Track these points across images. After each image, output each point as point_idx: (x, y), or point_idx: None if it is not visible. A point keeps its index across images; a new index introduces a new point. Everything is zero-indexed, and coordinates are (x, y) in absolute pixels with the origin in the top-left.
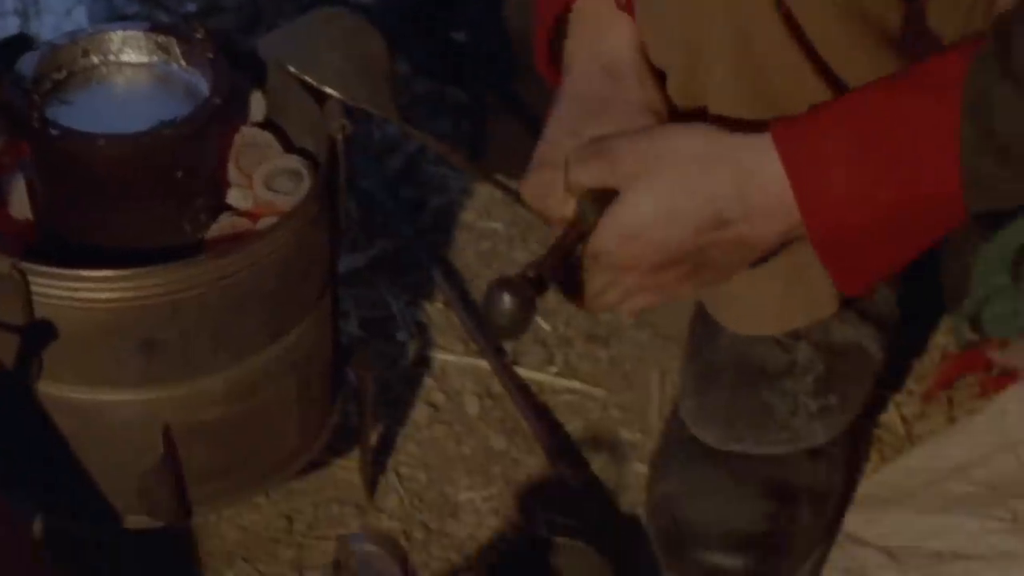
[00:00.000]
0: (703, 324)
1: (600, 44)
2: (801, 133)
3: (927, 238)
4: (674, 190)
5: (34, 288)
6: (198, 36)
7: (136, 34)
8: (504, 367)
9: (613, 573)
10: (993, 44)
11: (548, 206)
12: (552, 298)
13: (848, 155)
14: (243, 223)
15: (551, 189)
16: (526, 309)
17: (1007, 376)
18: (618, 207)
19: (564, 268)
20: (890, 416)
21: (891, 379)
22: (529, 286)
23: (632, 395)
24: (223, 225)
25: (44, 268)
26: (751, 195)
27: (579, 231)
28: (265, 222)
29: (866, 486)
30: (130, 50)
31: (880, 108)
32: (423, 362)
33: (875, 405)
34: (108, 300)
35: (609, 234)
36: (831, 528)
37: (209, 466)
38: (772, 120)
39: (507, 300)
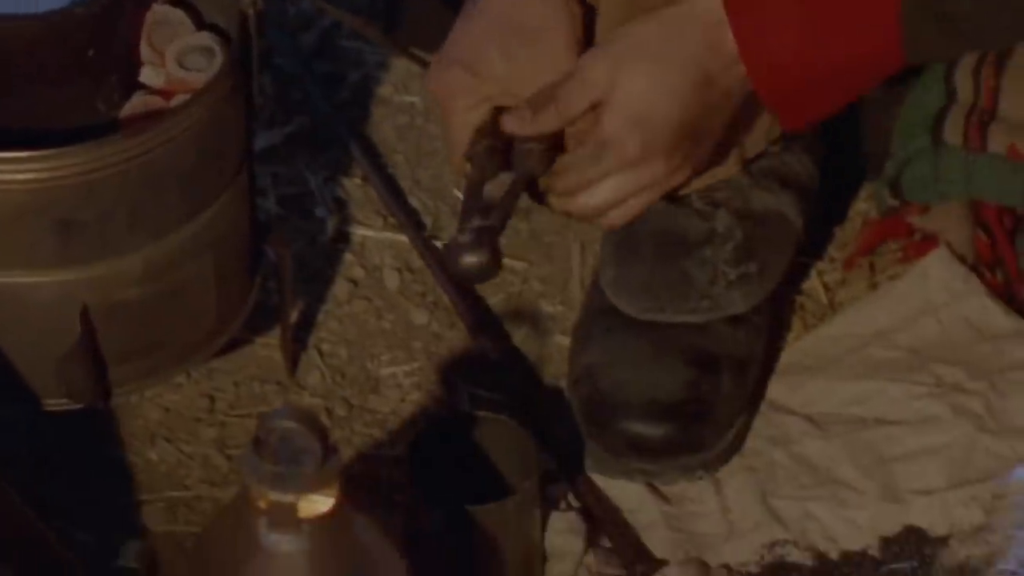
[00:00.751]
0: None
1: None
2: (750, 2)
3: (869, 85)
4: (658, 67)
5: None
6: None
7: None
8: (424, 241)
9: (535, 445)
10: None
11: (454, 107)
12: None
13: (795, 20)
14: (156, 101)
15: (460, 90)
16: (495, 260)
17: (928, 241)
18: (617, 97)
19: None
20: (812, 284)
21: (813, 247)
22: (494, 237)
23: (553, 267)
24: (136, 104)
25: None
26: (726, 42)
27: (528, 172)
28: (179, 100)
29: (789, 354)
30: None
31: None
32: (342, 238)
33: (797, 273)
34: (23, 181)
35: (619, 121)
36: (754, 396)
37: (128, 346)
38: None
39: (475, 261)
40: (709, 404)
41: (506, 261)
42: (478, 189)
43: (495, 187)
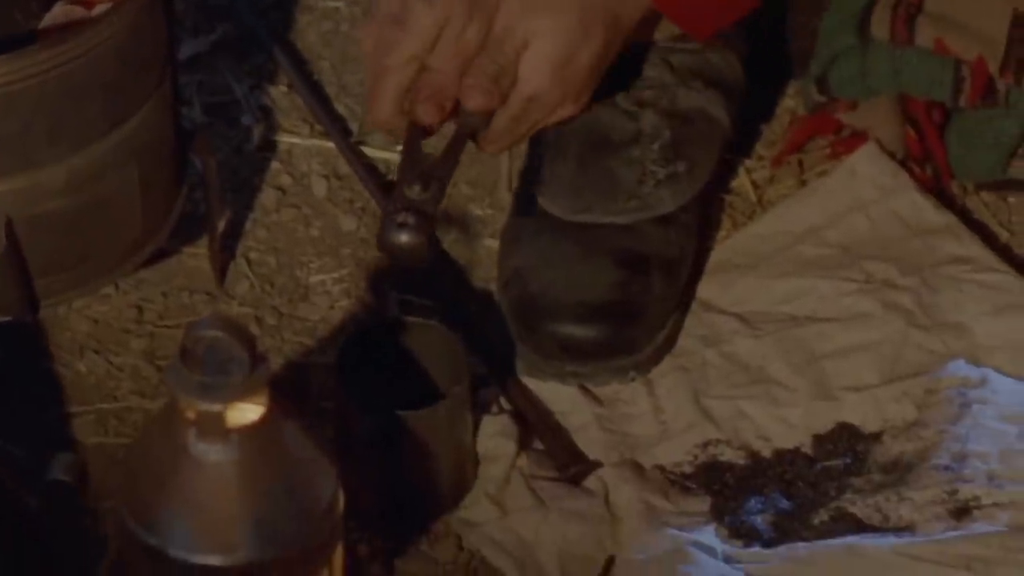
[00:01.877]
0: None
1: None
2: None
3: None
4: (570, 16)
5: None
6: None
7: None
8: (350, 147)
9: (465, 350)
10: None
11: (385, 64)
12: None
13: None
14: (77, 11)
15: (389, 47)
16: (429, 245)
17: (857, 137)
18: (537, 46)
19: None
20: (741, 182)
21: (740, 146)
22: (431, 223)
23: (480, 169)
24: (56, 14)
25: None
26: None
27: (471, 131)
28: (100, 9)
29: (719, 252)
30: None
31: None
32: (268, 146)
33: (725, 172)
34: None
35: (542, 72)
36: (684, 296)
37: (54, 258)
38: None
39: (408, 242)
40: (640, 305)
41: None
42: (416, 149)
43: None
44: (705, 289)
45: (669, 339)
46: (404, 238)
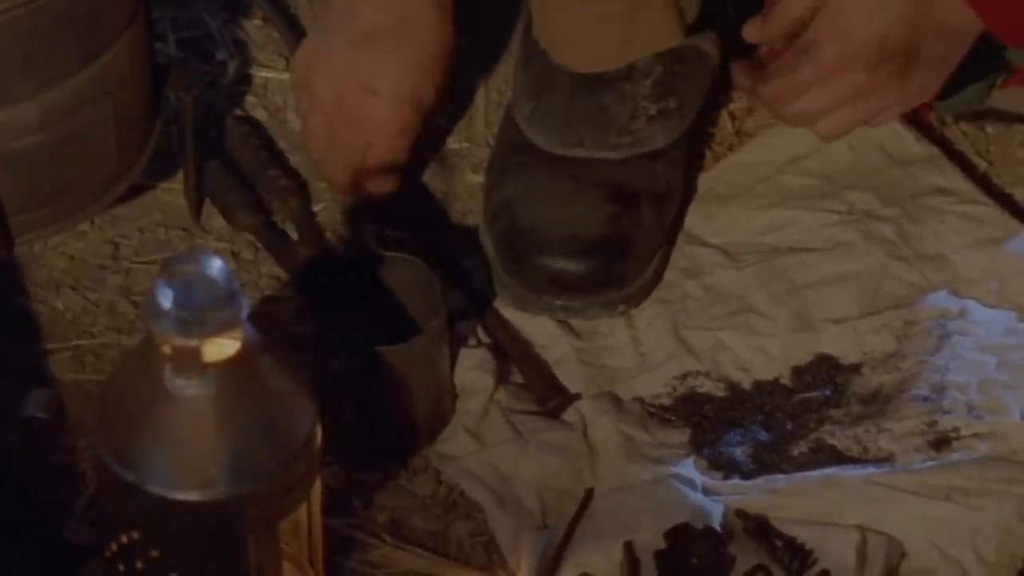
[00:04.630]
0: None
1: None
2: None
3: None
4: None
5: None
6: None
7: None
8: None
9: (443, 283)
10: None
11: (387, 145)
12: None
13: None
14: None
15: (399, 127)
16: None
17: None
18: (830, 4)
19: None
20: (718, 114)
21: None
22: None
23: (457, 103)
24: None
25: None
26: None
27: None
28: None
29: (701, 182)
30: None
31: None
32: (244, 80)
33: (704, 104)
34: None
35: (823, 27)
36: (671, 230)
37: (29, 195)
38: None
39: None
40: (630, 239)
41: None
42: None
43: None
44: (687, 220)
45: (657, 273)
46: None
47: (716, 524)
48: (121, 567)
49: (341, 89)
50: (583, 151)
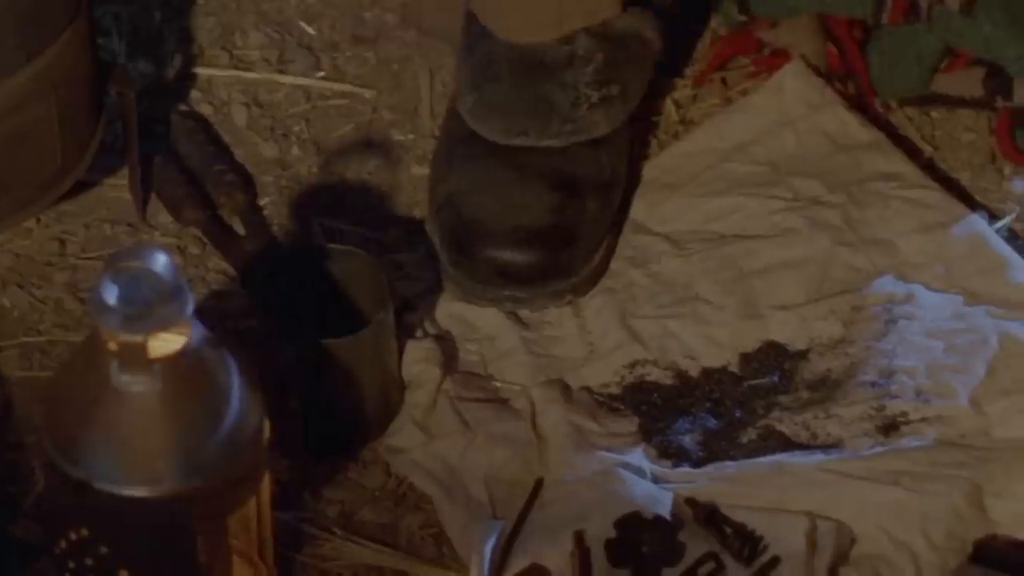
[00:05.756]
0: (476, 22)
1: None
2: None
3: None
4: None
5: None
6: None
7: None
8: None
9: (390, 277)
10: None
11: None
12: (316, 1)
13: None
14: None
15: None
16: None
17: (778, 55)
18: None
19: None
20: (662, 102)
21: (662, 65)
22: None
23: (402, 95)
24: None
25: None
26: None
27: None
28: None
29: (647, 171)
30: None
31: None
32: (189, 76)
33: (648, 92)
34: None
35: None
36: (617, 218)
37: None
38: None
39: None
40: (576, 228)
41: (356, 90)
42: None
43: None
44: (633, 209)
45: (603, 262)
46: None
47: (666, 513)
48: (71, 564)
49: None
50: (526, 140)
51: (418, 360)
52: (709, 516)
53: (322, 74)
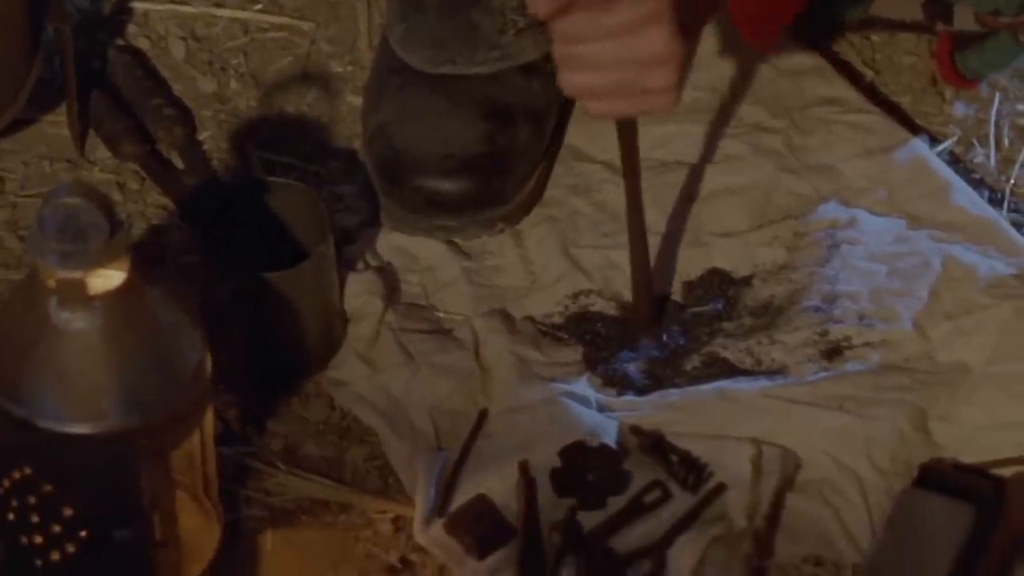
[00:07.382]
0: None
1: None
2: None
3: None
4: None
5: None
6: None
7: None
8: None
9: (328, 208)
10: None
11: None
12: None
13: None
14: None
15: None
16: None
17: None
18: None
19: None
20: None
21: None
22: None
23: (340, 27)
24: None
25: None
26: None
27: None
28: None
29: None
30: None
31: None
32: (125, 10)
33: None
34: None
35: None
36: (552, 145)
37: None
38: None
39: None
40: (507, 156)
41: (294, 23)
42: None
43: None
44: (574, 137)
45: (537, 189)
46: None
47: (611, 441)
48: (14, 503)
49: None
50: (454, 68)
51: (360, 292)
52: (654, 444)
53: (259, 7)
